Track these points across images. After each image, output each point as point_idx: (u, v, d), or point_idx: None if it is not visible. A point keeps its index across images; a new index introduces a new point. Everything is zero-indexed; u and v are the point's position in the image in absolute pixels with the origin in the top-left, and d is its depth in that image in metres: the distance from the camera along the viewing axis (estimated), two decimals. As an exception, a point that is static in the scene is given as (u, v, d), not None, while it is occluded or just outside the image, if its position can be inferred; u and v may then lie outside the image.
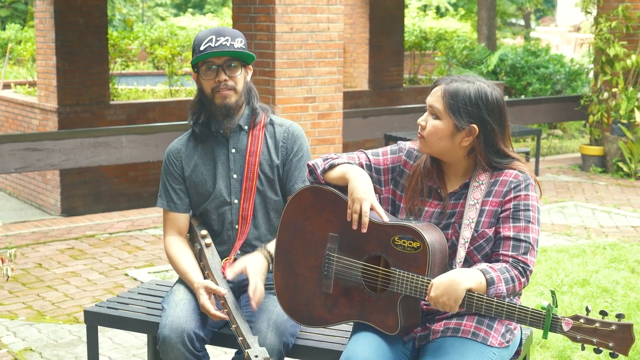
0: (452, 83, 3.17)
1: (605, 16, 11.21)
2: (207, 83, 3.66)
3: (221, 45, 3.59)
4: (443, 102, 3.15)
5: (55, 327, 5.62)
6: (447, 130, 3.14)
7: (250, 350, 3.29)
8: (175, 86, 13.56)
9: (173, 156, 3.80)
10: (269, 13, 7.90)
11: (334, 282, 3.26)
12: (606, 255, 7.12)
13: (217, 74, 3.63)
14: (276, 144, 3.75)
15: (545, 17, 41.83)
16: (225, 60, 3.62)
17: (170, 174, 3.80)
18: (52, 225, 8.37)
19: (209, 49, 3.59)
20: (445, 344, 3.11)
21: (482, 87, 3.16)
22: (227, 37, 3.61)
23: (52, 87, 11.35)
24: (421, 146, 3.24)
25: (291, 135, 3.76)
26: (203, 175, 3.76)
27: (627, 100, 10.95)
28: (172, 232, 3.81)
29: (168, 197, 3.79)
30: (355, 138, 11.06)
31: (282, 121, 3.81)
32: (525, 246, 3.09)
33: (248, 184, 3.70)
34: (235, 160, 3.74)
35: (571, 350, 5.03)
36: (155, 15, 33.46)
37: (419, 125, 3.22)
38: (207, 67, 3.63)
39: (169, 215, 3.81)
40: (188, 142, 3.81)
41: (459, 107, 3.12)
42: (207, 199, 3.76)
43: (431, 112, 3.19)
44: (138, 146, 9.11)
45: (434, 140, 3.17)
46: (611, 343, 2.79)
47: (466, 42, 17.60)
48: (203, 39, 3.62)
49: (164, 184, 3.81)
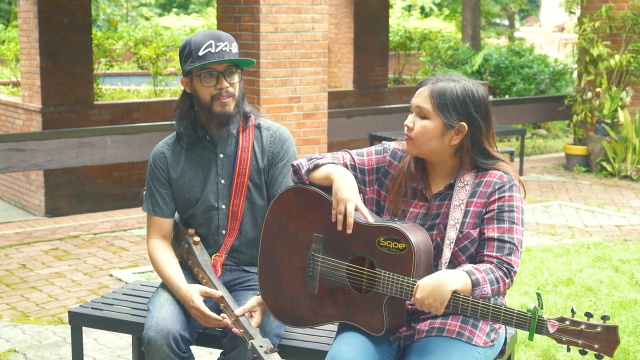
0: (438, 83, 3.17)
1: (589, 16, 11.25)
2: (206, 90, 3.55)
3: (222, 52, 3.51)
4: (431, 102, 3.15)
5: (40, 328, 5.59)
6: (437, 130, 3.15)
7: (254, 341, 3.29)
8: (160, 86, 13.52)
9: (159, 160, 3.72)
10: (254, 13, 7.89)
11: (319, 283, 3.26)
12: (590, 255, 7.15)
13: (217, 81, 3.54)
14: (263, 148, 3.69)
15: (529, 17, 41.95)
16: (226, 67, 3.55)
17: (156, 178, 3.73)
18: (36, 226, 8.34)
19: (210, 55, 3.49)
20: (430, 343, 3.11)
21: (467, 85, 3.17)
22: (225, 43, 3.52)
23: (36, 87, 11.30)
24: (409, 148, 3.23)
25: (278, 139, 3.71)
26: (190, 181, 3.71)
27: (610, 100, 11.00)
28: (156, 236, 3.76)
29: (154, 201, 3.73)
30: (340, 138, 11.07)
31: (269, 124, 3.75)
32: (509, 247, 3.10)
33: (239, 182, 3.66)
34: (223, 166, 3.69)
35: (556, 350, 5.05)
36: (139, 15, 33.35)
37: (406, 127, 3.21)
38: (207, 73, 3.53)
39: (154, 219, 3.75)
40: (174, 145, 3.74)
41: (448, 106, 3.13)
42: (195, 204, 3.72)
43: (418, 113, 3.19)
44: (122, 146, 9.08)
45: (423, 140, 3.17)
46: (597, 345, 2.80)
47: (451, 42, 17.62)
48: (201, 44, 3.51)
49: (149, 188, 3.74)
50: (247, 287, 3.70)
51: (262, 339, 3.32)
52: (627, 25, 11.08)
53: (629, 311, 5.73)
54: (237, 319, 3.40)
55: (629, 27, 11.08)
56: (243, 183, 3.67)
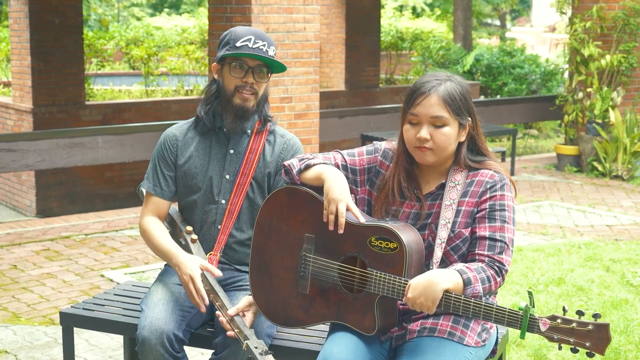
0: (439, 87, 3.14)
1: (580, 17, 11.27)
2: (232, 80, 3.62)
3: (258, 49, 3.58)
4: (447, 109, 3.14)
5: (31, 329, 5.58)
6: (455, 133, 3.17)
7: (249, 341, 3.29)
8: (151, 86, 13.51)
9: (170, 142, 3.76)
10: (245, 13, 7.88)
11: (311, 283, 3.25)
12: (581, 254, 7.17)
13: (245, 75, 3.61)
14: (273, 154, 3.73)
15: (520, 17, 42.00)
16: (258, 65, 3.61)
17: (163, 158, 3.75)
18: (27, 227, 8.32)
19: (246, 48, 3.57)
20: (422, 343, 3.12)
21: (459, 81, 3.22)
22: (264, 42, 3.60)
23: (27, 87, 11.28)
24: (428, 158, 3.18)
25: (290, 147, 3.76)
26: (196, 168, 3.73)
27: (601, 100, 11.03)
28: (151, 214, 3.75)
29: (156, 180, 3.74)
30: (331, 138, 11.07)
31: (283, 132, 3.81)
32: (500, 246, 3.10)
33: (241, 182, 3.68)
34: (231, 161, 3.72)
35: (547, 349, 5.06)
36: (131, 15, 33.29)
37: (421, 140, 3.15)
38: (238, 65, 3.60)
39: (152, 199, 3.74)
40: (187, 131, 3.78)
41: (460, 107, 3.16)
42: (195, 193, 3.73)
43: (433, 122, 3.15)
44: (114, 147, 9.06)
45: (445, 147, 3.16)
46: (588, 343, 2.81)
47: (442, 42, 17.65)
48: (241, 36, 3.59)
49: (154, 167, 3.76)
50: (239, 287, 3.70)
51: (257, 340, 3.32)
52: (618, 25, 11.10)
53: (619, 310, 5.74)
54: (232, 318, 3.39)
55: (620, 27, 11.10)
56: (245, 183, 3.69)
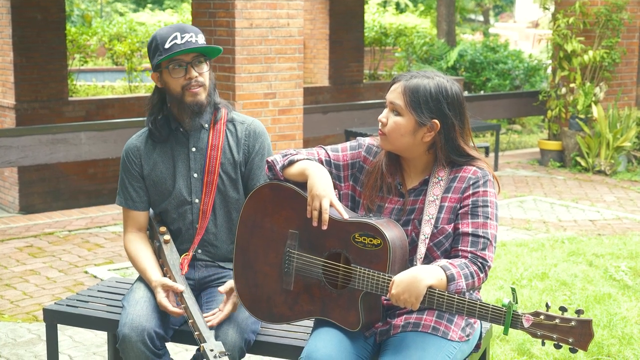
0: (412, 79, 3.17)
1: (563, 12, 11.31)
2: (176, 81, 3.57)
3: (188, 42, 3.53)
4: (404, 99, 3.15)
5: (14, 325, 5.56)
6: (409, 127, 3.15)
7: (205, 344, 3.29)
8: (135, 82, 13.48)
9: (132, 154, 3.74)
10: (229, 9, 7.87)
11: (295, 279, 3.26)
12: (565, 249, 7.20)
13: (186, 72, 3.56)
14: (238, 142, 3.71)
15: (503, 13, 42.10)
16: (194, 57, 3.57)
17: (129, 171, 3.74)
18: (10, 223, 8.29)
19: (176, 46, 3.52)
20: (406, 338, 3.12)
21: (441, 82, 3.17)
22: (191, 34, 3.56)
23: (10, 83, 11.23)
24: (382, 143, 3.24)
25: (253, 133, 3.73)
26: (163, 174, 3.72)
27: (584, 95, 11.07)
28: (132, 229, 3.77)
29: (126, 194, 3.75)
30: (315, 134, 11.07)
31: (243, 118, 3.77)
32: (483, 242, 3.11)
33: (209, 180, 3.67)
34: (195, 159, 3.70)
35: (531, 344, 5.08)
36: (114, 10, 33.18)
37: (380, 122, 3.22)
38: (176, 64, 3.55)
39: (129, 213, 3.77)
40: (147, 139, 3.75)
41: (420, 103, 3.13)
42: (167, 197, 3.73)
43: (392, 108, 3.19)
44: (97, 143, 9.03)
45: (395, 136, 3.17)
46: (571, 339, 2.82)
47: (426, 37, 17.67)
48: (167, 37, 3.54)
49: (122, 182, 3.76)
50: (222, 283, 3.69)
51: (215, 343, 3.31)
52: (601, 21, 11.14)
53: (603, 305, 5.77)
54: (193, 320, 3.39)
55: (603, 22, 11.14)
56: (213, 180, 3.67)
